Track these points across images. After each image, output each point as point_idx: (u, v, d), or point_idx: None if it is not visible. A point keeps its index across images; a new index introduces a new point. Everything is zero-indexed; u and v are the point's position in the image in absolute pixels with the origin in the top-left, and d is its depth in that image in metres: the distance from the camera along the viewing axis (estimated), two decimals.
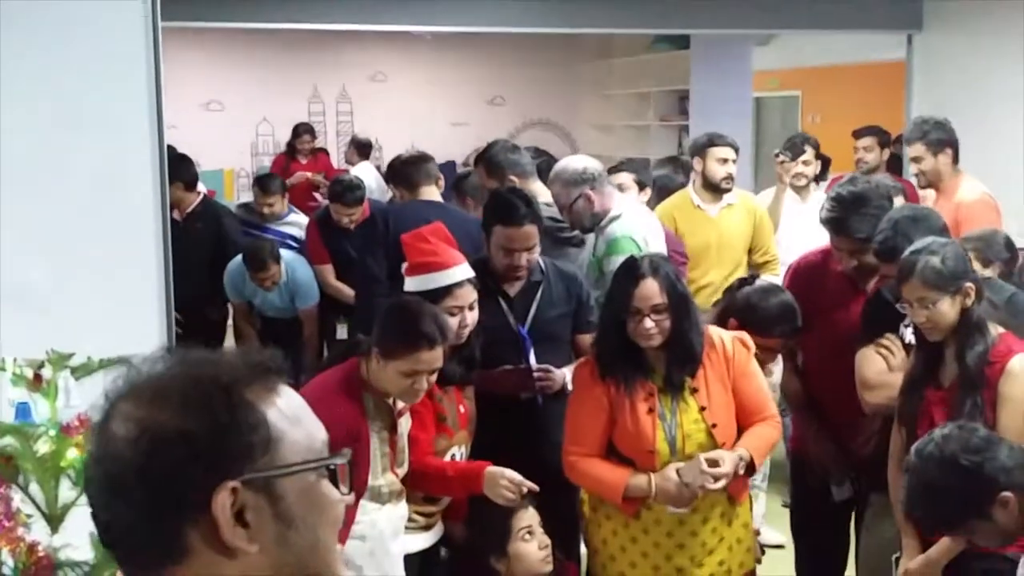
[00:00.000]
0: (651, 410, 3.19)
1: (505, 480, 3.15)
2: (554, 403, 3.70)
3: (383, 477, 3.08)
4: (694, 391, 3.21)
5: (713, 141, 5.38)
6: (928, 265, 3.04)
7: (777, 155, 5.91)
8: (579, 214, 4.26)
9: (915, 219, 3.43)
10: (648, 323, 3.14)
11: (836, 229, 3.67)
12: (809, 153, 5.89)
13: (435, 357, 3.01)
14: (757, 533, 3.57)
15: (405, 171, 5.14)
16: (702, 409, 3.18)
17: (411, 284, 3.42)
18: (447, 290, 3.37)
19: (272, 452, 1.15)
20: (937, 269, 3.03)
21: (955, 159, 5.00)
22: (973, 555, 2.78)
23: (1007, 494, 2.48)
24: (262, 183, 6.67)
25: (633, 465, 3.21)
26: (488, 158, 4.81)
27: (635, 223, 4.22)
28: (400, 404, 3.12)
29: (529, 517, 3.26)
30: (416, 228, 3.62)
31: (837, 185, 3.91)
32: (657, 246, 4.20)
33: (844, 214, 3.62)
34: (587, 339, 3.78)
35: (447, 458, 3.37)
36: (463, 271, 3.43)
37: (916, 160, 4.99)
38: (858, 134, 6.55)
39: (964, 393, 3.03)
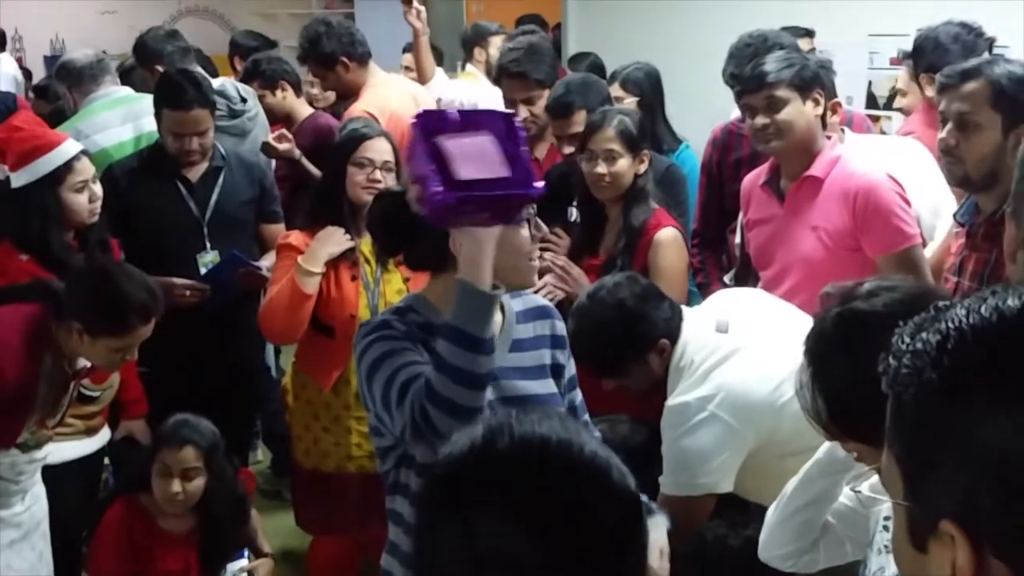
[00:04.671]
0: (355, 278, 3.24)
1: None
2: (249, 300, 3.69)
3: (27, 432, 2.84)
4: (399, 264, 3.27)
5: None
6: (623, 121, 3.28)
7: None
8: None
9: (587, 83, 3.71)
10: (378, 175, 3.23)
11: (513, 74, 3.89)
12: None
13: (150, 327, 2.77)
14: None
15: None
16: (406, 280, 3.25)
17: (24, 177, 3.19)
18: (67, 167, 3.22)
19: None
20: (629, 127, 3.28)
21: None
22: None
23: (665, 341, 2.70)
24: None
25: (333, 334, 3.24)
26: (136, 49, 4.70)
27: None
28: (80, 363, 2.87)
29: (177, 459, 3.05)
30: None
31: (512, 41, 4.17)
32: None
33: (521, 58, 3.87)
34: (273, 229, 3.76)
35: None
36: (74, 144, 3.30)
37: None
38: (520, 21, 6.76)
39: (619, 253, 3.27)
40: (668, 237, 3.28)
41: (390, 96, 4.45)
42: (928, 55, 3.82)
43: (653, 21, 6.45)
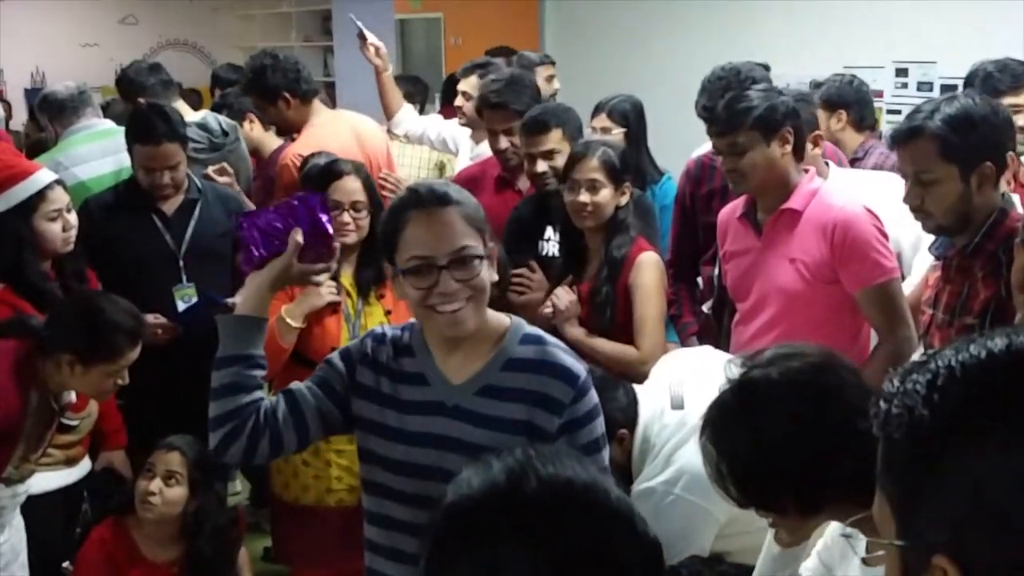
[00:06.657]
0: (336, 311, 3.24)
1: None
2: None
3: (11, 467, 2.85)
4: (381, 296, 3.28)
5: None
6: (606, 152, 3.31)
7: None
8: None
9: (564, 108, 3.75)
10: (346, 217, 3.21)
11: (494, 105, 3.91)
12: None
13: (138, 349, 2.85)
14: None
15: None
16: (387, 313, 3.25)
17: None
18: (40, 195, 3.23)
19: None
20: (612, 158, 3.30)
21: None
22: None
23: (624, 431, 2.68)
24: None
25: (315, 367, 3.22)
26: (119, 83, 4.75)
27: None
28: (67, 398, 2.90)
29: (162, 459, 3.14)
30: None
31: (494, 72, 4.22)
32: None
33: (502, 89, 3.91)
34: None
35: None
36: (47, 173, 3.31)
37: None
38: (492, 53, 6.78)
39: (602, 283, 3.30)
40: (650, 259, 3.34)
41: (330, 137, 4.29)
42: (978, 87, 3.82)
43: (629, 54, 6.51)
